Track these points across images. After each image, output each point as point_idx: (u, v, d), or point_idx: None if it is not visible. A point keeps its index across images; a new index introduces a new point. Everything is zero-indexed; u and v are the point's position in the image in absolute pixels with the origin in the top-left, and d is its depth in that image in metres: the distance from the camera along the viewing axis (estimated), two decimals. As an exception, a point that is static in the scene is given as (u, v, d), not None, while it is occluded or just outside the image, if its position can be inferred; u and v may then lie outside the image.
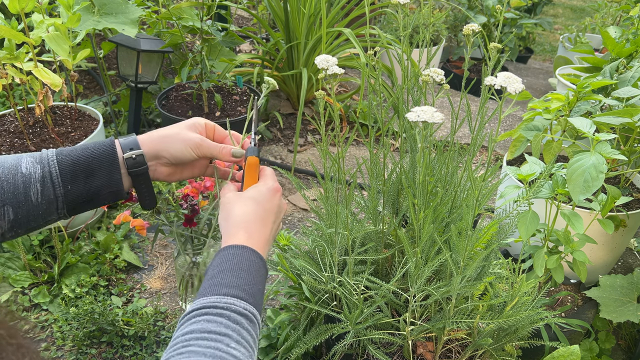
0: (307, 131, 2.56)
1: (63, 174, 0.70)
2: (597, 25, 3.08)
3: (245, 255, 0.70)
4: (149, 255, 1.75)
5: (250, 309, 0.64)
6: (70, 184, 0.71)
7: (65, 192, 0.71)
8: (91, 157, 0.72)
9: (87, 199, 0.72)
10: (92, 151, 0.73)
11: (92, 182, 0.72)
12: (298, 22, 2.37)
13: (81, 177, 0.71)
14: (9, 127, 1.76)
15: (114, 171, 0.73)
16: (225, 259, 0.69)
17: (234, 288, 0.65)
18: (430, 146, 1.02)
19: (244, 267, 0.68)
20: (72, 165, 0.71)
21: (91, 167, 0.72)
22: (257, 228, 0.74)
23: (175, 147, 0.77)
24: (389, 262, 1.24)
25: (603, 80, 1.43)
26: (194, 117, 0.84)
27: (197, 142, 0.78)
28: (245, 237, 0.72)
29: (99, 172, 0.72)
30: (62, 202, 0.71)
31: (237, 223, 0.74)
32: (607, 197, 1.22)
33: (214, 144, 0.81)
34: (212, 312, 0.62)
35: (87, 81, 2.70)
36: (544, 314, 1.07)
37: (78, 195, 0.72)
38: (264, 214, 0.76)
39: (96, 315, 1.40)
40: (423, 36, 1.11)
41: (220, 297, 0.63)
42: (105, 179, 0.73)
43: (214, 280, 0.66)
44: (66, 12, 1.63)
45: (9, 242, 1.61)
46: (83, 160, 0.72)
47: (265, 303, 1.57)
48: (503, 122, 2.86)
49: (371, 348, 1.08)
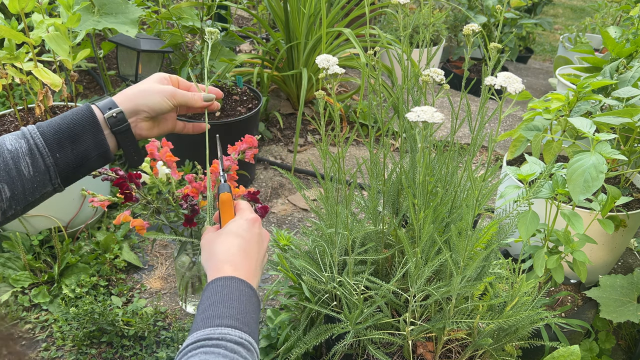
0: (307, 131, 2.56)
1: (49, 143, 0.71)
2: (597, 25, 3.08)
3: (234, 285, 0.69)
4: (149, 255, 1.75)
5: (246, 337, 0.63)
6: (58, 152, 0.72)
7: (55, 161, 0.72)
8: (72, 123, 0.73)
9: (77, 164, 0.74)
10: (72, 118, 0.74)
11: (79, 146, 0.73)
12: (298, 22, 2.37)
13: (67, 143, 0.72)
14: (9, 127, 1.76)
15: (97, 133, 0.75)
16: (214, 292, 0.68)
17: (227, 318, 0.64)
18: (430, 146, 1.02)
19: (234, 297, 0.67)
20: (55, 133, 0.72)
21: (75, 133, 0.73)
22: (241, 259, 0.73)
23: (152, 99, 0.79)
24: (389, 262, 1.24)
25: (603, 80, 1.43)
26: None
27: (172, 92, 0.81)
28: (232, 269, 0.71)
29: (83, 136, 0.74)
30: (55, 172, 0.72)
31: (221, 259, 0.73)
32: (607, 197, 1.22)
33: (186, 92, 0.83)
34: (207, 344, 0.60)
35: (87, 81, 2.70)
36: (544, 314, 1.07)
37: (68, 162, 0.73)
38: (246, 245, 0.76)
39: (96, 315, 1.40)
40: (423, 36, 1.11)
41: (214, 328, 0.62)
42: (90, 141, 0.74)
43: (205, 314, 0.65)
44: (66, 12, 1.63)
45: (9, 242, 1.61)
46: (65, 128, 0.73)
47: (265, 303, 1.57)
48: (503, 122, 2.86)
49: (371, 348, 1.08)
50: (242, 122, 1.97)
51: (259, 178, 2.21)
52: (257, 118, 2.12)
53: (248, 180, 2.13)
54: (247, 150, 1.25)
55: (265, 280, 1.68)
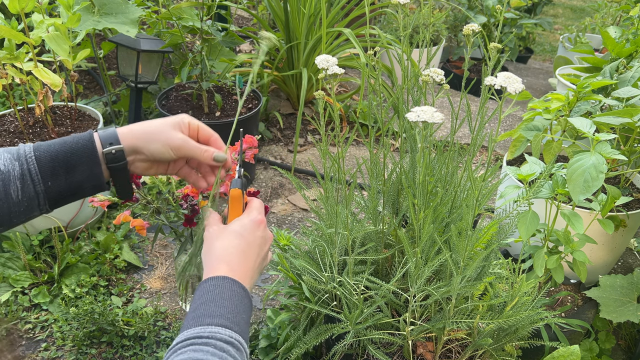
0: (307, 131, 2.56)
1: (42, 171, 0.69)
2: (597, 25, 3.08)
3: (227, 285, 0.69)
4: (149, 255, 1.75)
5: (236, 337, 0.63)
6: (51, 180, 0.70)
7: (46, 189, 0.70)
8: (70, 152, 0.71)
9: (69, 193, 0.72)
10: (71, 146, 0.71)
11: (73, 177, 0.71)
12: (298, 22, 2.37)
13: (61, 172, 0.70)
14: (9, 127, 1.76)
15: (94, 166, 0.72)
16: (206, 291, 0.68)
17: (218, 317, 0.64)
18: (430, 146, 1.02)
19: (225, 297, 0.67)
20: (51, 161, 0.70)
21: (71, 163, 0.71)
22: (238, 260, 0.73)
23: (155, 146, 0.75)
24: (389, 262, 1.24)
25: (603, 80, 1.43)
26: (191, 116, 0.82)
27: (179, 144, 0.76)
28: (227, 269, 0.71)
29: (79, 167, 0.71)
30: (44, 199, 0.70)
31: (218, 257, 0.73)
32: (607, 197, 1.22)
33: (196, 146, 0.78)
34: (197, 342, 0.60)
35: (87, 81, 2.70)
36: (544, 314, 1.07)
37: (60, 191, 0.71)
38: (246, 247, 0.75)
39: (96, 315, 1.40)
40: (423, 36, 1.11)
41: (204, 327, 0.62)
42: (86, 173, 0.72)
43: (196, 312, 0.65)
44: (66, 12, 1.63)
45: (9, 242, 1.61)
46: (62, 156, 0.70)
47: (266, 303, 1.57)
48: (503, 122, 2.86)
49: (371, 348, 1.08)
50: (242, 122, 1.97)
51: (259, 178, 2.21)
52: (257, 118, 2.12)
53: (248, 180, 2.13)
54: (247, 150, 1.25)
55: (265, 280, 1.68)
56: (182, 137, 0.77)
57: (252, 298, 1.61)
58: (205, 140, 0.82)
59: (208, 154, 0.79)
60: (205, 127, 0.82)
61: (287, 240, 1.33)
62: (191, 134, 0.80)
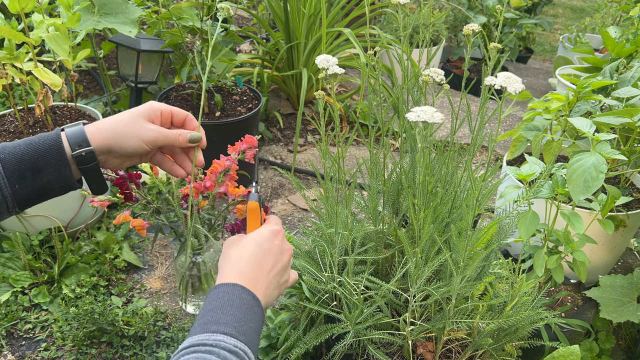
0: (307, 131, 2.56)
1: (8, 174, 0.68)
2: (597, 25, 3.08)
3: (236, 292, 0.68)
4: (149, 255, 1.75)
5: (242, 347, 0.62)
6: (18, 183, 0.68)
7: (14, 192, 0.68)
8: (37, 154, 0.69)
9: (38, 195, 0.70)
10: (37, 147, 0.69)
11: (41, 179, 0.69)
12: (298, 22, 2.37)
13: (28, 175, 0.69)
14: (9, 127, 1.76)
15: (62, 167, 0.70)
16: (215, 298, 0.67)
17: (224, 325, 0.63)
18: (430, 146, 1.02)
19: (234, 305, 0.66)
20: (17, 164, 0.68)
21: (38, 165, 0.69)
22: (250, 268, 0.72)
23: (129, 143, 0.73)
24: (389, 262, 1.24)
25: (603, 80, 1.43)
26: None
27: (153, 137, 0.75)
28: (238, 277, 0.71)
29: (46, 169, 0.69)
30: (12, 201, 0.69)
31: (232, 264, 0.73)
32: (607, 197, 1.22)
33: (169, 133, 0.77)
34: (201, 349, 0.60)
35: (87, 81, 2.70)
36: (544, 314, 1.07)
37: (27, 193, 0.69)
38: (261, 255, 0.74)
39: (96, 315, 1.40)
40: (423, 36, 1.11)
41: (209, 334, 0.62)
42: (54, 175, 0.70)
43: (203, 319, 0.65)
44: (66, 12, 1.63)
45: (9, 242, 1.61)
46: (28, 158, 0.68)
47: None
48: (503, 122, 2.86)
49: (371, 348, 1.08)
50: (242, 122, 1.97)
51: (259, 178, 2.21)
52: (257, 118, 2.12)
53: (248, 180, 2.13)
54: (247, 150, 1.25)
55: (265, 280, 1.68)
56: (154, 128, 0.75)
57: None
58: (180, 123, 0.81)
59: (183, 137, 0.78)
60: (178, 110, 0.80)
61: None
62: (164, 121, 0.79)
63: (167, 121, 0.80)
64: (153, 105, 0.77)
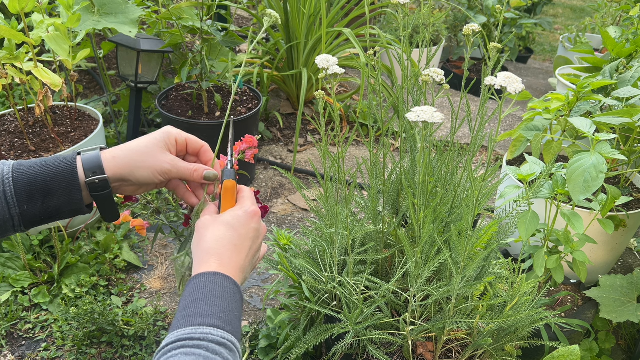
0: (307, 131, 2.56)
1: (18, 194, 0.67)
2: (597, 25, 3.08)
3: (218, 282, 0.66)
4: (149, 255, 1.75)
5: (229, 337, 0.61)
6: (27, 204, 0.67)
7: (22, 212, 0.68)
8: (49, 177, 0.68)
9: (46, 216, 0.70)
10: (51, 169, 0.69)
11: (51, 202, 0.69)
12: (298, 22, 2.37)
13: (38, 197, 0.68)
14: (9, 127, 1.76)
15: (73, 191, 0.69)
16: (197, 288, 0.65)
17: (209, 317, 0.62)
18: (430, 146, 1.02)
19: (217, 295, 0.65)
20: (28, 185, 0.67)
21: (49, 188, 0.68)
22: (229, 254, 0.70)
23: (142, 174, 0.73)
24: (389, 262, 1.24)
25: (603, 80, 1.43)
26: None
27: (167, 169, 0.74)
28: (217, 264, 0.68)
29: (57, 193, 0.69)
30: (19, 221, 0.68)
31: (208, 249, 0.70)
32: (607, 197, 1.22)
33: (185, 167, 0.76)
34: (188, 344, 0.58)
35: (87, 81, 2.70)
36: (544, 314, 1.07)
37: (35, 215, 0.69)
38: (238, 240, 0.72)
39: (96, 315, 1.40)
40: (423, 36, 1.11)
41: (195, 327, 0.60)
42: (64, 199, 0.69)
43: (187, 311, 0.63)
44: (66, 12, 1.63)
45: (9, 242, 1.61)
46: (41, 180, 0.68)
47: (266, 303, 1.57)
48: (503, 122, 2.86)
49: (371, 348, 1.08)
50: (242, 122, 1.97)
51: (259, 178, 2.21)
52: (257, 118, 2.12)
53: (248, 180, 2.13)
54: (247, 150, 1.25)
55: (265, 280, 1.68)
56: (170, 160, 0.75)
57: (252, 298, 1.61)
58: (195, 152, 0.80)
59: (198, 174, 0.77)
60: (194, 138, 0.79)
61: (287, 240, 1.33)
62: (179, 149, 0.78)
63: (182, 149, 0.79)
64: (169, 133, 0.76)
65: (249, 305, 1.58)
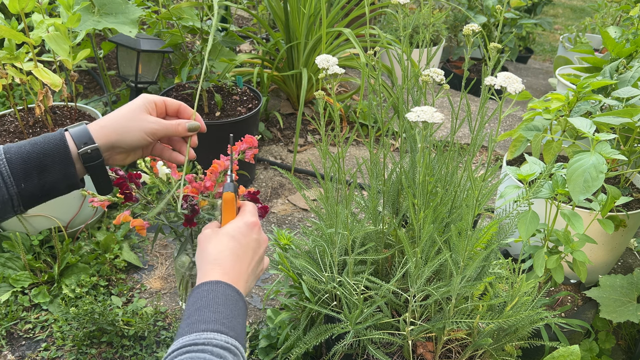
0: (307, 131, 2.56)
1: (15, 173, 0.68)
2: (597, 25, 3.08)
3: (220, 289, 0.68)
4: (149, 255, 1.75)
5: (233, 342, 0.62)
6: (24, 182, 0.69)
7: (20, 191, 0.69)
8: (42, 154, 0.70)
9: (43, 194, 0.71)
10: (42, 146, 0.70)
11: (47, 177, 0.70)
12: (298, 22, 2.37)
13: (34, 174, 0.70)
14: (9, 127, 1.76)
15: (68, 166, 0.71)
16: (200, 297, 0.67)
17: (213, 323, 0.63)
18: (430, 146, 1.02)
19: (220, 302, 0.66)
20: (23, 162, 0.69)
21: (44, 164, 0.70)
22: (232, 264, 0.72)
23: (132, 137, 0.76)
24: (389, 262, 1.24)
25: (603, 80, 1.43)
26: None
27: (154, 129, 0.77)
28: (220, 273, 0.70)
29: (52, 168, 0.71)
30: (18, 200, 0.69)
31: (211, 260, 0.72)
32: (607, 197, 1.22)
33: (169, 124, 0.79)
34: (193, 349, 0.59)
35: (87, 81, 2.70)
36: (544, 314, 1.07)
37: (33, 192, 0.70)
38: (240, 250, 0.74)
39: (96, 315, 1.40)
40: (423, 36, 1.11)
41: (199, 333, 0.61)
42: (59, 173, 0.71)
43: (191, 319, 0.64)
44: (66, 12, 1.63)
45: (9, 242, 1.61)
46: (34, 157, 0.70)
47: (266, 303, 1.57)
48: (503, 122, 2.86)
49: (371, 348, 1.08)
50: (242, 122, 1.97)
51: (259, 178, 2.21)
52: (257, 118, 2.12)
53: (248, 180, 2.13)
54: (247, 150, 1.25)
55: (265, 280, 1.68)
56: (154, 120, 0.78)
57: (252, 298, 1.61)
58: (174, 113, 0.83)
59: (182, 127, 0.81)
60: (171, 100, 0.83)
61: (287, 240, 1.33)
62: (159, 111, 0.81)
63: (162, 112, 0.82)
64: (147, 97, 0.80)
65: (249, 305, 1.58)
